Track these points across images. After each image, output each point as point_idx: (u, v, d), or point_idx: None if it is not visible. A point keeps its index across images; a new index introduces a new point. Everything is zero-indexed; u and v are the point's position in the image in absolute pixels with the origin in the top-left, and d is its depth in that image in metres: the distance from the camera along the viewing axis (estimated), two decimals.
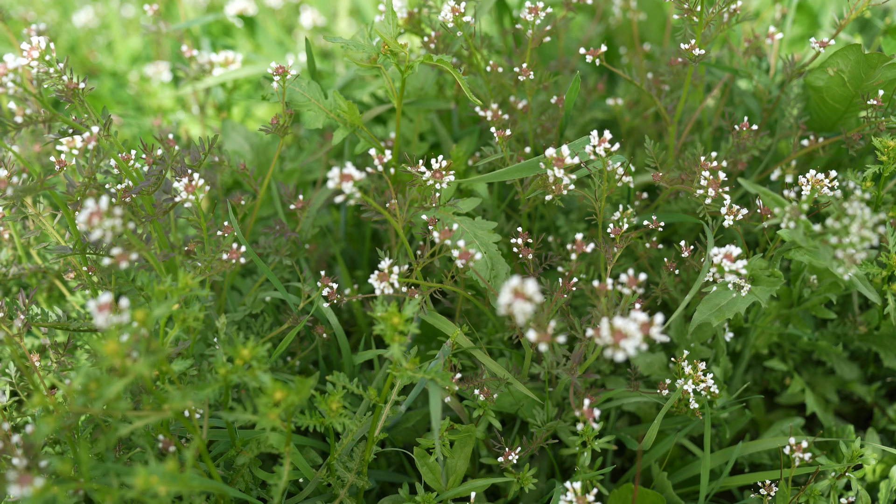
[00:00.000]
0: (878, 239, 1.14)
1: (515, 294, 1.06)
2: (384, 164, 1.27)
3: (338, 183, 1.20)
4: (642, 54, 1.90)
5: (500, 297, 1.07)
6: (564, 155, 1.29)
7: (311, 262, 1.70)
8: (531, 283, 1.07)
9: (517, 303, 1.06)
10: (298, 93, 1.50)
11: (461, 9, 1.47)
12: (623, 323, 1.06)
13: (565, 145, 1.30)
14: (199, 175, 1.32)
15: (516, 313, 1.06)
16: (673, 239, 1.76)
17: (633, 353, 1.06)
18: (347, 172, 1.20)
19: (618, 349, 1.06)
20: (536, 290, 1.07)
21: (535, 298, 1.07)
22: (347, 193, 1.21)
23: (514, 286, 1.07)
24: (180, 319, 1.23)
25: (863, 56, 1.42)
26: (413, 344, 1.57)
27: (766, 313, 1.56)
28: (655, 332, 1.11)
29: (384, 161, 1.28)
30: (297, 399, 1.15)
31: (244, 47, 2.27)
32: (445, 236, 1.30)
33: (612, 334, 1.06)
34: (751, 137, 1.55)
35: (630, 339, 1.06)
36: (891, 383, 1.66)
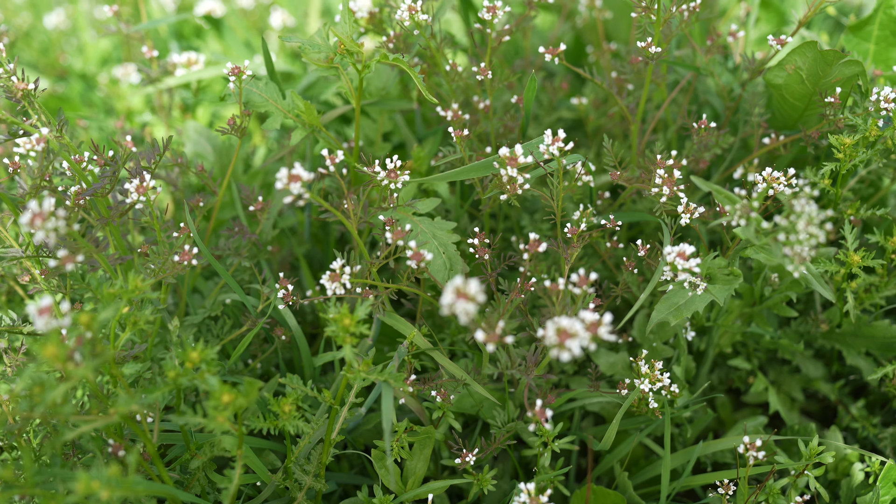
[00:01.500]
0: (824, 236, 1.14)
1: (458, 294, 1.06)
2: (336, 164, 1.26)
3: (285, 184, 1.19)
4: (609, 53, 1.90)
5: (442, 297, 1.06)
6: (518, 154, 1.29)
7: (274, 264, 1.69)
8: (474, 283, 1.06)
9: (459, 303, 1.05)
10: (255, 93, 1.49)
11: (418, 7, 1.46)
12: (569, 323, 1.06)
13: (518, 144, 1.29)
14: (150, 176, 1.31)
15: (459, 313, 1.05)
16: (640, 238, 1.76)
17: (578, 353, 1.05)
18: (295, 173, 1.20)
19: (563, 349, 1.05)
20: (480, 289, 1.06)
21: (478, 298, 1.06)
22: (296, 194, 1.20)
23: (457, 286, 1.06)
24: (131, 322, 1.22)
25: (819, 53, 1.42)
26: (376, 345, 1.56)
27: (729, 312, 1.56)
28: (603, 331, 1.11)
29: (335, 161, 1.27)
30: (245, 402, 1.14)
31: (213, 48, 2.26)
32: (398, 237, 1.30)
33: (557, 334, 1.06)
34: (713, 136, 1.55)
35: (576, 339, 1.05)
36: (854, 381, 1.66)
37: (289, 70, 2.01)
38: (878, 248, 1.57)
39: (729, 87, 1.66)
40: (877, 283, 1.53)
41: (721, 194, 1.25)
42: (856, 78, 1.44)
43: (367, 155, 1.73)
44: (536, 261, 1.55)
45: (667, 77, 1.71)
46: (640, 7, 1.40)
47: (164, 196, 1.85)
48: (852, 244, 1.45)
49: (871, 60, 1.66)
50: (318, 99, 1.83)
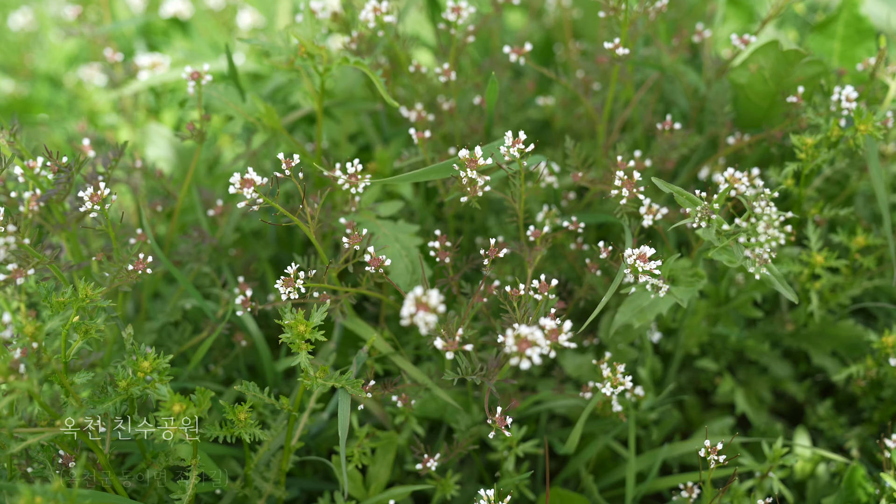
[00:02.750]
0: (785, 238, 1.13)
1: (418, 304, 1.04)
2: (291, 168, 1.24)
3: (238, 188, 1.18)
4: (577, 52, 1.88)
5: (402, 308, 1.05)
6: (477, 156, 1.27)
7: (238, 268, 1.67)
8: (434, 294, 1.04)
9: (420, 314, 1.04)
10: (215, 97, 1.48)
11: (382, 8, 1.45)
12: (528, 331, 1.04)
13: (478, 146, 1.28)
14: (105, 184, 1.29)
15: (419, 324, 1.04)
16: (608, 237, 1.75)
17: (538, 362, 1.04)
18: (249, 177, 1.18)
19: (523, 357, 1.04)
20: (440, 300, 1.04)
21: (439, 309, 1.05)
22: (249, 199, 1.19)
23: (417, 296, 1.04)
24: (82, 331, 1.20)
25: (781, 53, 1.41)
26: (339, 349, 1.55)
27: (695, 312, 1.55)
28: (563, 339, 1.10)
29: (291, 165, 1.25)
30: (197, 411, 1.13)
31: (181, 47, 2.24)
32: (355, 241, 1.28)
33: (516, 342, 1.04)
34: (679, 136, 1.53)
35: (536, 348, 1.04)
36: (822, 381, 1.65)
37: (258, 71, 1.99)
38: (842, 247, 1.57)
39: (695, 86, 1.65)
40: (842, 282, 1.52)
41: (682, 196, 1.24)
42: (818, 77, 1.43)
43: (332, 157, 1.72)
44: (501, 263, 1.53)
45: (633, 76, 1.70)
46: (608, 7, 1.39)
47: (127, 199, 1.83)
48: (816, 244, 1.44)
49: (837, 59, 1.65)
50: (286, 100, 1.81)
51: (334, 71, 1.57)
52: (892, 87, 1.49)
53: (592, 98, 1.68)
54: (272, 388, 1.52)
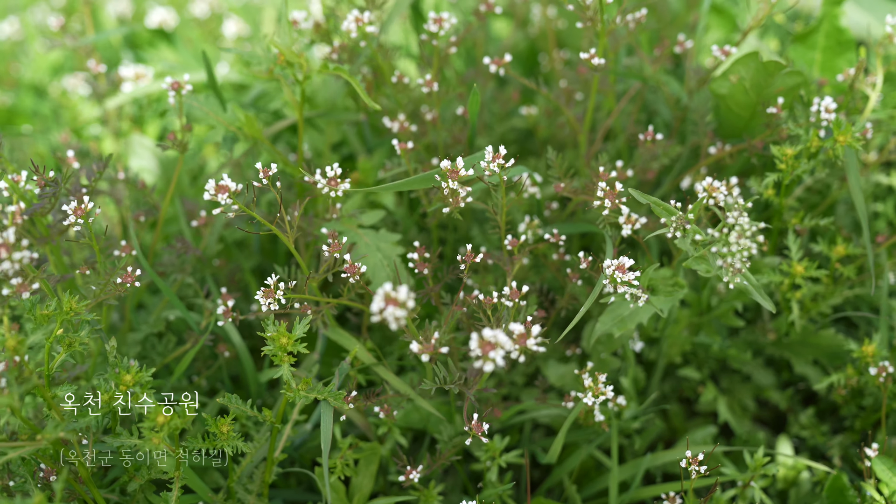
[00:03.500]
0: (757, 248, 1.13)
1: (387, 300, 1.05)
2: (269, 177, 1.24)
3: (213, 195, 1.18)
4: (561, 62, 1.89)
5: (372, 304, 1.05)
6: (459, 167, 1.28)
7: (222, 279, 1.67)
8: (403, 289, 1.05)
9: (389, 308, 1.05)
10: (196, 107, 1.48)
11: (364, 19, 1.45)
12: (491, 334, 1.05)
13: (460, 157, 1.28)
14: (89, 198, 1.29)
15: (388, 319, 1.05)
16: (591, 246, 1.75)
17: (501, 364, 1.04)
18: (223, 184, 1.18)
19: (487, 360, 1.05)
20: (410, 295, 1.05)
21: (409, 304, 1.05)
22: (223, 205, 1.19)
23: (386, 291, 1.05)
24: (66, 345, 1.20)
25: (761, 64, 1.42)
26: (323, 359, 1.55)
27: (677, 321, 1.56)
28: (532, 343, 1.10)
29: (268, 175, 1.25)
30: (181, 423, 1.13)
31: (167, 57, 2.24)
32: (336, 250, 1.28)
33: (479, 346, 1.05)
34: (660, 146, 1.54)
35: (498, 350, 1.05)
36: (805, 389, 1.66)
37: (241, 81, 1.99)
38: (823, 257, 1.58)
39: (677, 96, 1.66)
40: (823, 291, 1.53)
41: (659, 206, 1.25)
42: (798, 88, 1.44)
43: (315, 166, 1.72)
44: (484, 273, 1.54)
45: (616, 86, 1.70)
46: (585, 18, 1.39)
47: (110, 209, 1.83)
48: (796, 254, 1.45)
49: (818, 69, 1.66)
50: (268, 109, 1.81)
51: (316, 81, 1.58)
52: (871, 97, 1.50)
53: (574, 108, 1.69)
54: (256, 398, 1.52)
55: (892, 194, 1.72)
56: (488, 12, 1.65)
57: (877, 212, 1.72)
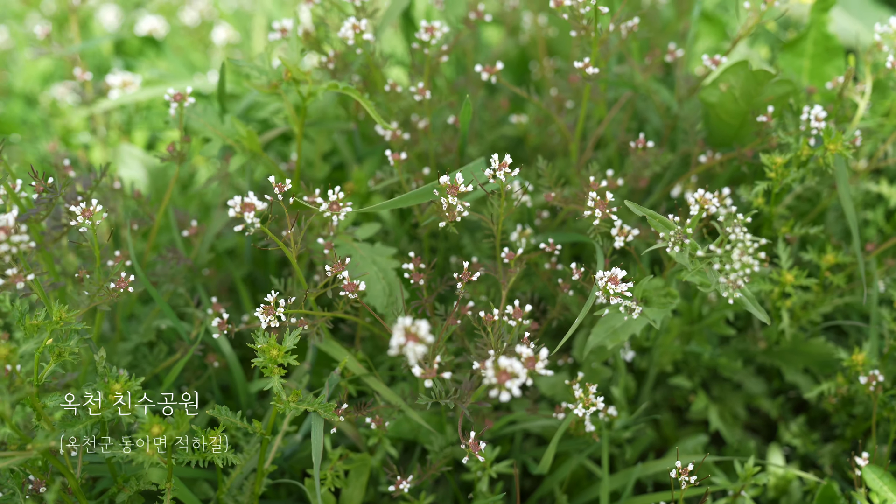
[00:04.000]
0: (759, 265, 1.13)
1: (408, 335, 1.04)
2: (284, 192, 1.24)
3: (238, 212, 1.17)
4: (551, 70, 1.89)
5: (392, 339, 1.04)
6: (458, 182, 1.27)
7: (213, 288, 1.66)
8: (424, 326, 1.04)
9: (409, 344, 1.04)
10: (195, 119, 1.47)
11: (361, 26, 1.45)
12: (508, 362, 1.04)
13: (459, 172, 1.28)
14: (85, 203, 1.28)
15: (408, 355, 1.04)
16: (583, 254, 1.75)
17: (518, 394, 1.04)
18: (249, 202, 1.17)
19: (503, 389, 1.04)
20: (428, 330, 1.04)
21: (427, 340, 1.04)
22: (248, 223, 1.18)
23: (406, 326, 1.04)
24: (55, 354, 1.19)
25: (750, 73, 1.42)
26: (314, 369, 1.54)
27: (669, 331, 1.56)
28: (540, 366, 1.09)
29: (283, 190, 1.25)
30: (175, 433, 1.12)
31: (157, 66, 2.23)
32: (338, 269, 1.28)
33: (496, 375, 1.04)
34: (651, 154, 1.54)
35: (516, 379, 1.04)
36: (794, 398, 1.66)
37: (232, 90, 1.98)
38: (813, 265, 1.58)
39: (667, 104, 1.66)
40: (813, 300, 1.53)
41: (655, 219, 1.25)
42: (788, 96, 1.44)
43: (306, 176, 1.72)
44: (475, 282, 1.54)
45: (606, 95, 1.70)
46: (579, 26, 1.39)
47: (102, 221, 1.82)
48: (786, 263, 1.45)
49: (807, 76, 1.66)
50: (257, 118, 1.81)
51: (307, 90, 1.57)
52: (860, 105, 1.50)
53: (565, 116, 1.69)
54: (246, 408, 1.52)
55: (882, 202, 1.72)
56: (478, 20, 1.65)
57: (867, 219, 1.72)
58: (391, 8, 1.63)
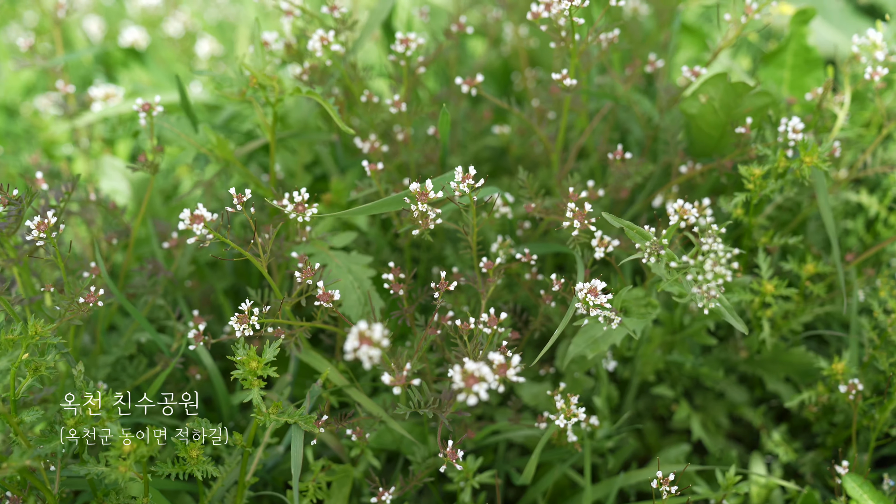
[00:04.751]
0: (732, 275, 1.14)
1: (361, 339, 1.04)
2: (243, 202, 1.24)
3: (188, 224, 1.17)
4: (533, 80, 1.90)
5: (346, 342, 1.05)
6: (428, 189, 1.27)
7: (194, 300, 1.66)
8: (378, 328, 1.04)
9: (364, 348, 1.04)
10: (167, 129, 1.47)
11: (329, 38, 1.45)
12: (475, 367, 1.04)
13: (430, 180, 1.28)
14: (53, 213, 1.28)
15: (363, 359, 1.04)
16: (566, 264, 1.76)
17: (485, 397, 1.04)
18: (199, 213, 1.18)
19: (470, 393, 1.04)
20: (384, 334, 1.05)
21: (383, 343, 1.04)
22: (199, 235, 1.18)
23: (361, 330, 1.04)
24: (32, 369, 1.19)
25: (730, 85, 1.43)
26: (296, 380, 1.54)
27: (650, 340, 1.56)
28: (512, 373, 1.10)
29: (243, 200, 1.25)
30: (147, 450, 1.12)
31: (139, 77, 2.23)
32: (308, 275, 1.28)
33: (463, 379, 1.04)
34: (632, 165, 1.55)
35: (483, 383, 1.04)
36: (776, 406, 1.67)
37: (214, 101, 1.98)
38: (793, 275, 1.59)
39: (648, 115, 1.67)
40: (793, 309, 1.54)
41: (633, 230, 1.25)
42: (767, 108, 1.45)
43: (287, 187, 1.72)
44: (457, 292, 1.54)
45: (588, 105, 1.71)
46: (558, 38, 1.40)
47: (82, 231, 1.82)
48: (766, 273, 1.46)
49: (787, 88, 1.67)
50: (240, 130, 1.81)
51: (289, 101, 1.57)
52: (839, 116, 1.51)
53: (547, 127, 1.69)
54: (228, 420, 1.51)
55: (863, 211, 1.73)
56: (460, 32, 1.66)
57: (847, 229, 1.73)
58: (371, 20, 1.63)
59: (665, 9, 1.88)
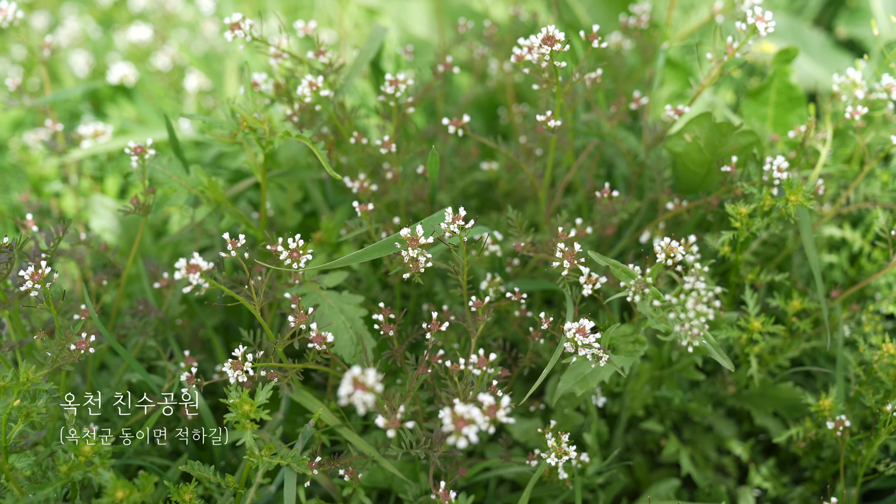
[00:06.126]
0: (713, 314, 1.15)
1: (355, 384, 1.05)
2: (237, 248, 1.25)
3: (184, 275, 1.18)
4: (520, 115, 1.91)
5: (340, 388, 1.05)
6: (419, 234, 1.29)
7: (185, 338, 1.66)
8: (372, 374, 1.05)
9: (357, 394, 1.05)
10: (159, 171, 1.48)
11: (318, 83, 1.47)
12: (465, 409, 1.05)
13: (419, 224, 1.30)
14: (47, 262, 1.29)
15: (357, 404, 1.05)
16: (553, 300, 1.77)
17: (475, 440, 1.05)
18: (195, 263, 1.18)
19: (460, 436, 1.05)
20: (377, 379, 1.05)
21: (377, 389, 1.05)
22: (195, 285, 1.19)
23: (354, 376, 1.05)
24: (24, 414, 1.19)
25: (714, 125, 1.45)
26: (288, 417, 1.54)
27: (639, 376, 1.57)
28: (502, 414, 1.11)
29: (237, 246, 1.26)
30: (140, 497, 1.12)
31: (127, 113, 2.24)
32: (301, 320, 1.28)
33: (453, 421, 1.05)
34: (618, 202, 1.56)
35: (473, 426, 1.05)
36: (764, 440, 1.68)
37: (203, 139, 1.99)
38: (780, 311, 1.60)
39: (634, 152, 1.69)
40: (780, 345, 1.55)
41: (618, 269, 1.27)
42: (751, 147, 1.47)
43: (277, 224, 1.73)
44: (447, 330, 1.55)
45: (574, 143, 1.73)
46: (541, 80, 1.42)
47: (72, 267, 1.82)
48: (753, 309, 1.47)
49: (771, 124, 1.70)
50: (229, 167, 1.82)
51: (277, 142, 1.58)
52: (822, 153, 1.54)
53: (534, 164, 1.71)
54: (220, 459, 1.51)
55: (846, 245, 1.76)
56: (447, 72, 1.68)
57: (832, 262, 1.75)
58: (359, 59, 1.65)
59: (649, 46, 1.91)
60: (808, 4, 2.55)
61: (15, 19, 1.64)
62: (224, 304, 1.29)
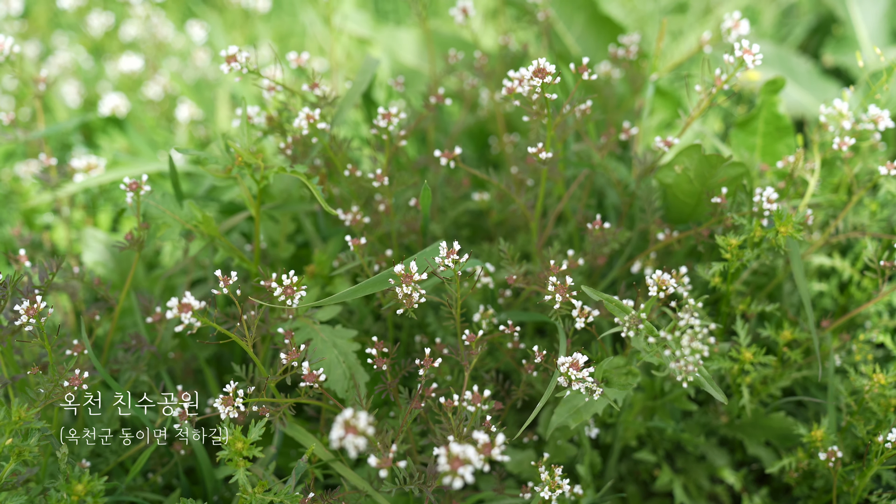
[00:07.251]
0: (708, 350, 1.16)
1: (347, 428, 1.05)
2: (230, 285, 1.25)
3: (176, 314, 1.18)
4: (511, 144, 1.92)
5: (331, 432, 1.05)
6: (413, 271, 1.29)
7: (178, 371, 1.66)
8: (363, 417, 1.05)
9: (349, 437, 1.05)
10: (153, 206, 1.48)
11: (315, 116, 1.48)
12: (460, 449, 1.05)
13: (413, 260, 1.30)
14: (41, 298, 1.29)
15: (348, 448, 1.05)
16: (546, 330, 1.77)
17: (471, 480, 1.05)
18: (186, 303, 1.19)
19: (455, 476, 1.05)
20: (369, 423, 1.05)
21: (369, 432, 1.05)
22: (186, 324, 1.19)
23: (346, 419, 1.05)
24: (16, 453, 1.19)
25: (704, 157, 1.46)
26: (281, 451, 1.54)
27: (632, 406, 1.58)
28: (496, 452, 1.11)
29: (229, 283, 1.26)
30: None
31: (119, 145, 2.24)
32: (293, 357, 1.29)
33: (449, 461, 1.05)
34: (609, 233, 1.57)
35: (468, 466, 1.05)
36: (757, 469, 1.68)
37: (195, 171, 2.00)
38: (771, 341, 1.61)
39: (625, 182, 1.70)
40: (771, 374, 1.56)
41: (612, 303, 1.27)
42: (741, 178, 1.48)
43: (270, 256, 1.73)
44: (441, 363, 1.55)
45: (564, 173, 1.74)
46: (531, 112, 1.42)
47: (64, 300, 1.82)
48: (745, 340, 1.48)
49: (759, 154, 1.71)
50: (222, 200, 1.82)
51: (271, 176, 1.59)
52: (811, 183, 1.55)
53: (525, 194, 1.72)
54: (212, 494, 1.51)
55: (836, 273, 1.77)
56: (438, 103, 1.69)
57: (822, 291, 1.76)
58: (352, 91, 1.66)
59: (638, 76, 1.92)
60: (794, 32, 2.58)
61: (11, 53, 1.65)
62: (216, 342, 1.29)
